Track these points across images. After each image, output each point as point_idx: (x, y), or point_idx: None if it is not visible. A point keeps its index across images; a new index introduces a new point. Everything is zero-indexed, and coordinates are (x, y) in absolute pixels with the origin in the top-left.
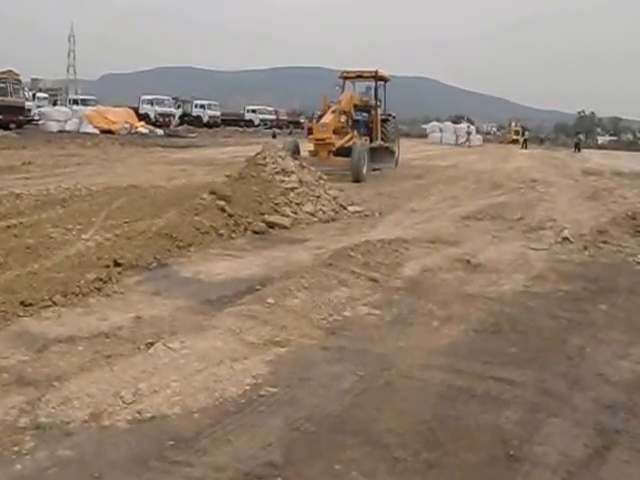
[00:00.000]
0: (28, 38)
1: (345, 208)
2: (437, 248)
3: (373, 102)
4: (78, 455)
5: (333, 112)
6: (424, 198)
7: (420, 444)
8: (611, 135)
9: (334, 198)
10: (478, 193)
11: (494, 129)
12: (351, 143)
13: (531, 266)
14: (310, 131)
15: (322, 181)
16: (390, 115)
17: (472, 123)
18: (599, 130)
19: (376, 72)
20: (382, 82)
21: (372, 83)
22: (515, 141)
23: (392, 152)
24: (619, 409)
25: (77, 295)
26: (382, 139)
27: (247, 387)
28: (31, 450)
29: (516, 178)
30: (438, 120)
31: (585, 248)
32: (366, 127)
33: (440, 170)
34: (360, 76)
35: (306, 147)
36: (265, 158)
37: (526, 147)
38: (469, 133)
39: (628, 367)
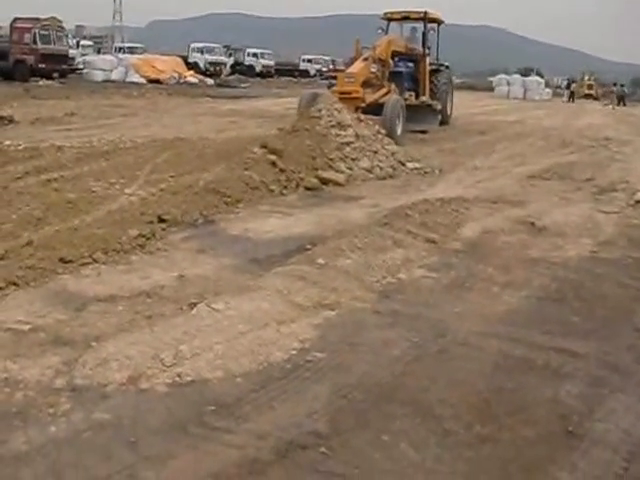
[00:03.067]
0: None
1: (403, 165)
2: (500, 209)
3: (420, 50)
4: (114, 419)
5: (365, 60)
6: (488, 155)
7: (473, 416)
8: None
9: (392, 154)
10: (545, 151)
11: (565, 83)
12: (386, 99)
13: (600, 230)
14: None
15: (380, 135)
16: (442, 65)
17: (542, 76)
18: None
19: (425, 13)
20: (433, 25)
21: (421, 26)
22: (588, 95)
23: (435, 110)
24: None
25: (118, 252)
26: (431, 95)
27: (293, 352)
28: (66, 412)
29: (588, 136)
30: (506, 72)
31: None
32: (411, 80)
33: (505, 126)
34: (407, 17)
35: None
36: (320, 110)
37: (624, 104)
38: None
39: None
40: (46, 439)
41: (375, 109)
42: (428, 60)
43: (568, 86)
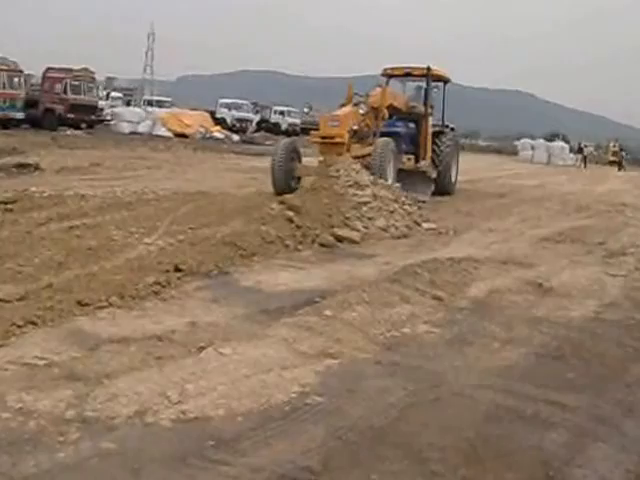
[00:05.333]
0: (106, 36)
1: (419, 225)
2: (509, 269)
3: (422, 109)
4: (120, 448)
5: (355, 105)
6: (503, 218)
7: (460, 460)
8: None
9: (408, 214)
10: (561, 215)
11: (591, 149)
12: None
13: (605, 292)
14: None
15: (397, 195)
16: (446, 126)
17: (567, 142)
18: None
19: (428, 69)
20: (438, 83)
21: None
22: (613, 162)
23: (429, 179)
24: None
25: (134, 298)
26: (432, 159)
27: (293, 395)
28: (75, 441)
29: (605, 201)
30: (532, 137)
31: None
32: (411, 142)
33: (525, 189)
34: (409, 74)
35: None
36: (338, 170)
37: (620, 169)
38: (585, 156)
39: None
40: (54, 464)
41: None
42: (431, 121)
43: (580, 150)
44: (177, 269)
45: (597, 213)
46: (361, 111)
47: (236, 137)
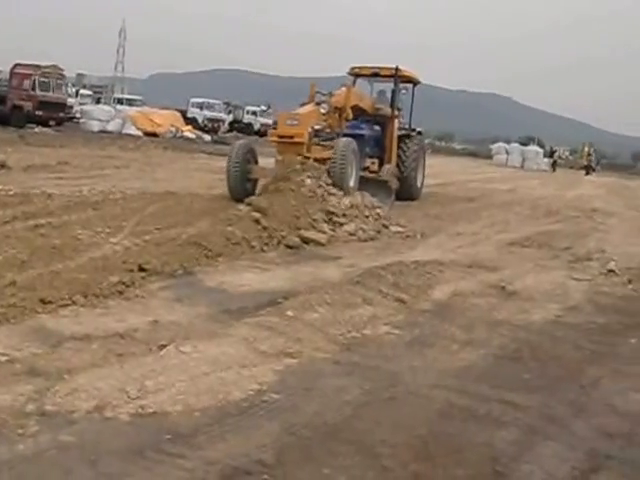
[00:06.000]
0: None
1: (387, 228)
2: (474, 273)
3: (388, 111)
4: (78, 441)
5: (317, 104)
6: (472, 222)
7: (411, 456)
8: None
9: (376, 217)
10: (530, 220)
11: (567, 153)
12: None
13: (568, 296)
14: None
15: (365, 198)
16: (413, 130)
17: (542, 146)
18: None
19: (397, 69)
20: (407, 85)
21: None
22: (587, 167)
23: (389, 188)
24: (617, 437)
25: (98, 297)
26: (398, 164)
27: (251, 392)
28: (34, 434)
29: (575, 206)
30: (508, 141)
31: (630, 282)
32: (376, 145)
33: (496, 194)
34: (377, 74)
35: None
36: (304, 180)
37: (589, 173)
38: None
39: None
40: (13, 455)
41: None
42: (397, 123)
43: (551, 154)
44: (141, 269)
45: (566, 218)
46: (322, 110)
47: (208, 137)
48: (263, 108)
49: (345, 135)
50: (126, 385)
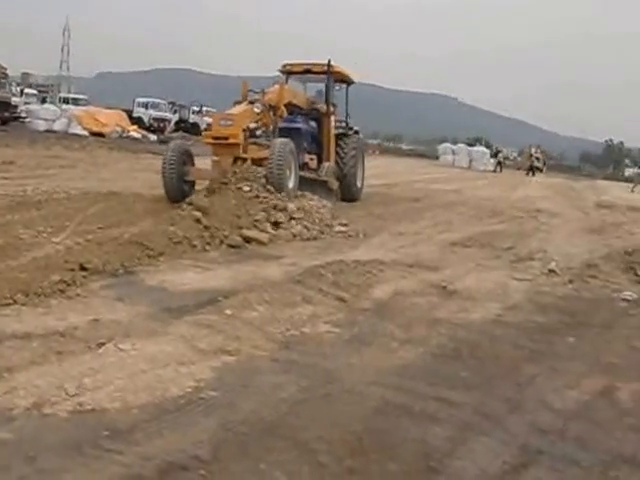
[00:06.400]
0: (23, 32)
1: (330, 227)
2: (415, 272)
3: (324, 107)
4: (17, 438)
5: (250, 103)
6: (415, 222)
7: (346, 452)
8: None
9: (320, 216)
10: (474, 220)
11: (514, 154)
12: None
13: (509, 296)
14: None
15: (308, 198)
16: (350, 129)
17: (489, 147)
18: (627, 161)
19: (329, 64)
20: (341, 84)
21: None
22: (536, 168)
23: (330, 190)
24: (550, 433)
25: (39, 296)
26: (337, 162)
27: (188, 389)
28: None
29: (520, 207)
30: (455, 141)
31: (570, 281)
32: (313, 141)
33: (441, 194)
34: (309, 71)
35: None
36: (244, 187)
37: (530, 174)
38: (499, 161)
39: (574, 397)
40: None
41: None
42: (333, 120)
43: (495, 155)
44: (83, 268)
45: (510, 218)
46: (256, 110)
47: (154, 137)
48: (195, 108)
49: (281, 129)
50: (65, 382)
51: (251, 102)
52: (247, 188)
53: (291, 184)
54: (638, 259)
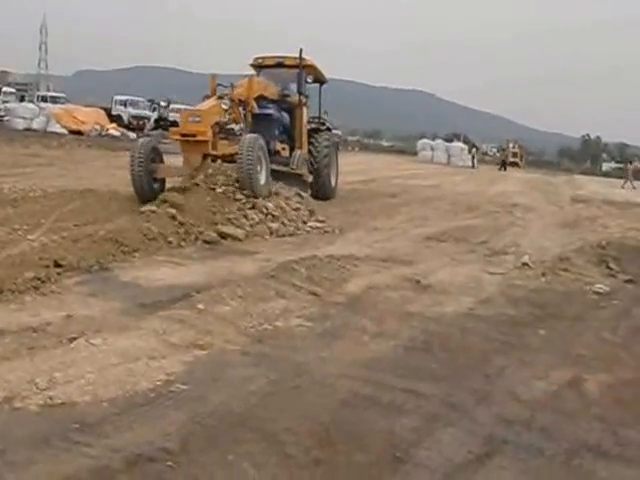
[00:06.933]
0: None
1: (306, 223)
2: (389, 267)
3: (295, 98)
4: None
5: (219, 98)
6: (391, 217)
7: (313, 443)
8: (617, 162)
9: (296, 213)
10: (449, 215)
11: (494, 150)
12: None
13: (482, 289)
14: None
15: (283, 193)
16: (323, 123)
17: (467, 143)
18: (604, 156)
19: (300, 57)
20: (314, 84)
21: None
22: (514, 164)
23: (305, 183)
24: (516, 423)
25: (13, 292)
26: (309, 158)
27: (159, 383)
28: None
29: (496, 202)
30: (434, 137)
31: (543, 275)
32: (284, 131)
33: (418, 190)
34: (281, 64)
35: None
36: (217, 184)
37: (503, 169)
38: (473, 156)
39: (542, 387)
40: None
41: (230, 160)
42: (306, 112)
43: (469, 150)
44: (57, 264)
45: (486, 213)
46: (224, 106)
47: (133, 135)
48: (163, 104)
49: (253, 116)
50: (36, 377)
51: (220, 97)
52: (220, 190)
53: (262, 180)
54: (611, 252)
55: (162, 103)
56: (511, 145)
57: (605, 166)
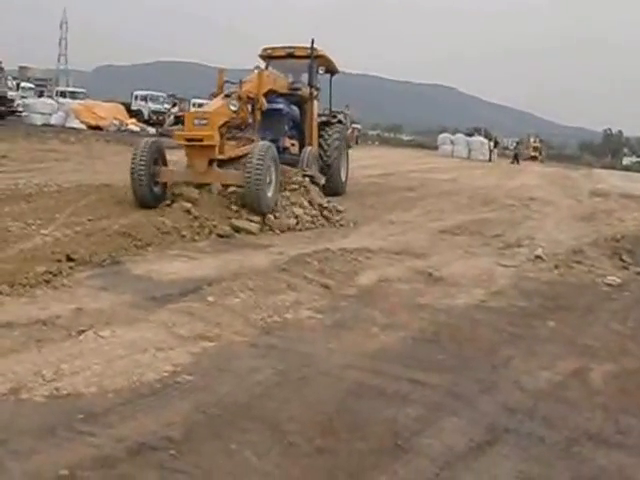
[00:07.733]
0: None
1: (320, 217)
2: (402, 260)
3: (306, 90)
4: None
5: (227, 97)
6: (407, 210)
7: (316, 432)
8: (638, 156)
9: (310, 206)
10: (466, 208)
11: (515, 143)
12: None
13: (494, 282)
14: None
15: (303, 187)
16: (335, 116)
17: (488, 137)
18: (626, 150)
19: (312, 47)
20: (325, 68)
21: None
22: (534, 158)
23: (317, 185)
24: (519, 412)
25: (24, 286)
26: (320, 153)
27: (165, 374)
28: None
29: (514, 195)
30: (455, 132)
31: (556, 267)
32: (294, 126)
33: (436, 183)
34: (291, 55)
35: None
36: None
37: (518, 162)
38: (490, 150)
39: (547, 377)
40: None
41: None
42: (317, 106)
43: (495, 145)
44: (69, 259)
45: (502, 207)
46: (232, 107)
47: (152, 130)
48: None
49: (262, 112)
50: (42, 368)
51: (227, 95)
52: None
53: (270, 193)
54: (625, 245)
55: (168, 104)
56: (532, 139)
57: (626, 160)
